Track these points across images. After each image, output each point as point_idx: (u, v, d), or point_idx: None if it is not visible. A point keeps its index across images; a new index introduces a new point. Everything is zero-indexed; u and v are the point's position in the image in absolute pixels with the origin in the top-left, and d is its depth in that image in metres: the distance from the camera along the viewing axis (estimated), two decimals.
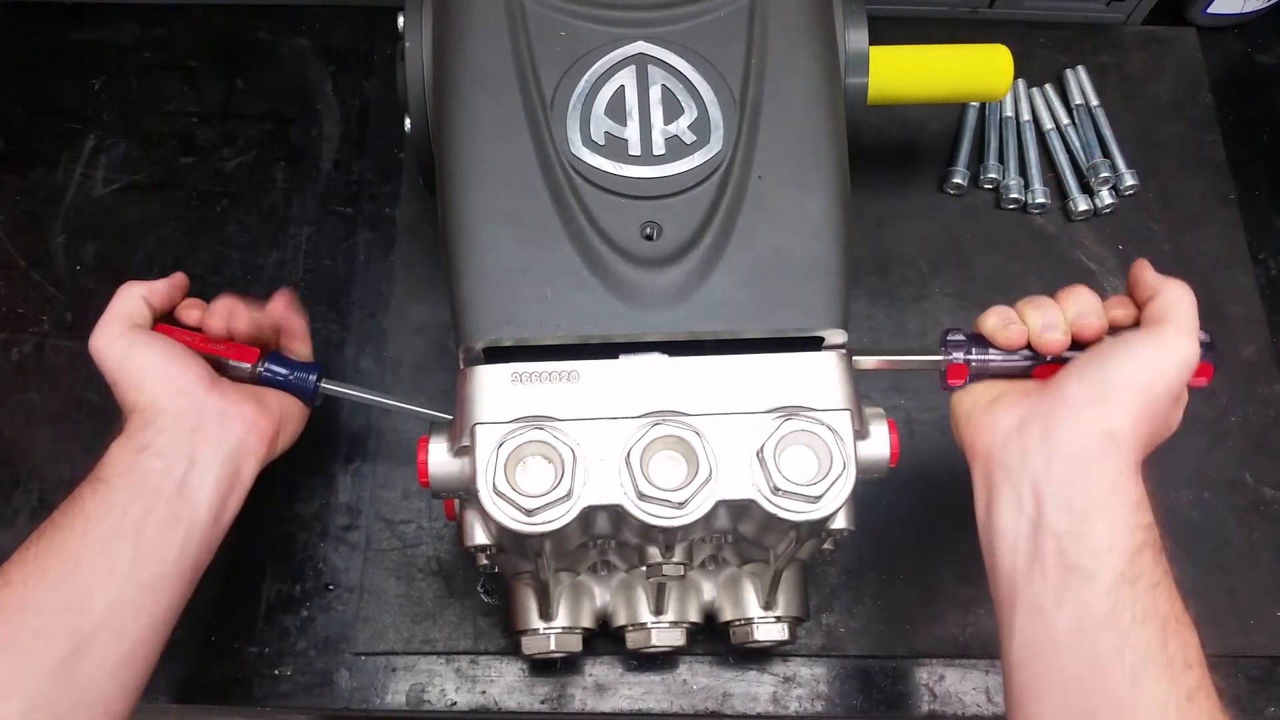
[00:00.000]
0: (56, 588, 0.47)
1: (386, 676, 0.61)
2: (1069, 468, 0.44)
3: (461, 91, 0.50)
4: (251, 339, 0.57)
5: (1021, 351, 0.50)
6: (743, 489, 0.45)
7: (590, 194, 0.49)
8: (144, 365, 0.53)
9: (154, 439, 0.51)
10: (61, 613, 0.47)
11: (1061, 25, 0.80)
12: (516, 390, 0.47)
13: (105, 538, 0.48)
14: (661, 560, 0.49)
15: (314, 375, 0.58)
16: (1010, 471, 0.46)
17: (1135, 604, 0.42)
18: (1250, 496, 0.67)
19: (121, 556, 0.48)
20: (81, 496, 0.50)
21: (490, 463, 0.44)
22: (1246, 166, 0.76)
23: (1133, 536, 0.43)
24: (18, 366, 0.68)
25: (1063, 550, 0.43)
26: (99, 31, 0.78)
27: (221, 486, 0.52)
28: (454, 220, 0.49)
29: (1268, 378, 0.70)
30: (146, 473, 0.50)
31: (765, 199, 0.49)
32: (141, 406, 0.52)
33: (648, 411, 0.46)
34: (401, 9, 0.54)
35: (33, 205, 0.72)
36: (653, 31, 0.51)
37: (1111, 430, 0.45)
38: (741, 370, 0.48)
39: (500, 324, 0.47)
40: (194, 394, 0.52)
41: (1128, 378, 0.45)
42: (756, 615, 0.56)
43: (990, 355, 0.51)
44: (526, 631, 0.56)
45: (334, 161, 0.74)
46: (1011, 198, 0.73)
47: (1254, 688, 0.62)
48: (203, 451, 0.51)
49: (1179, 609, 0.43)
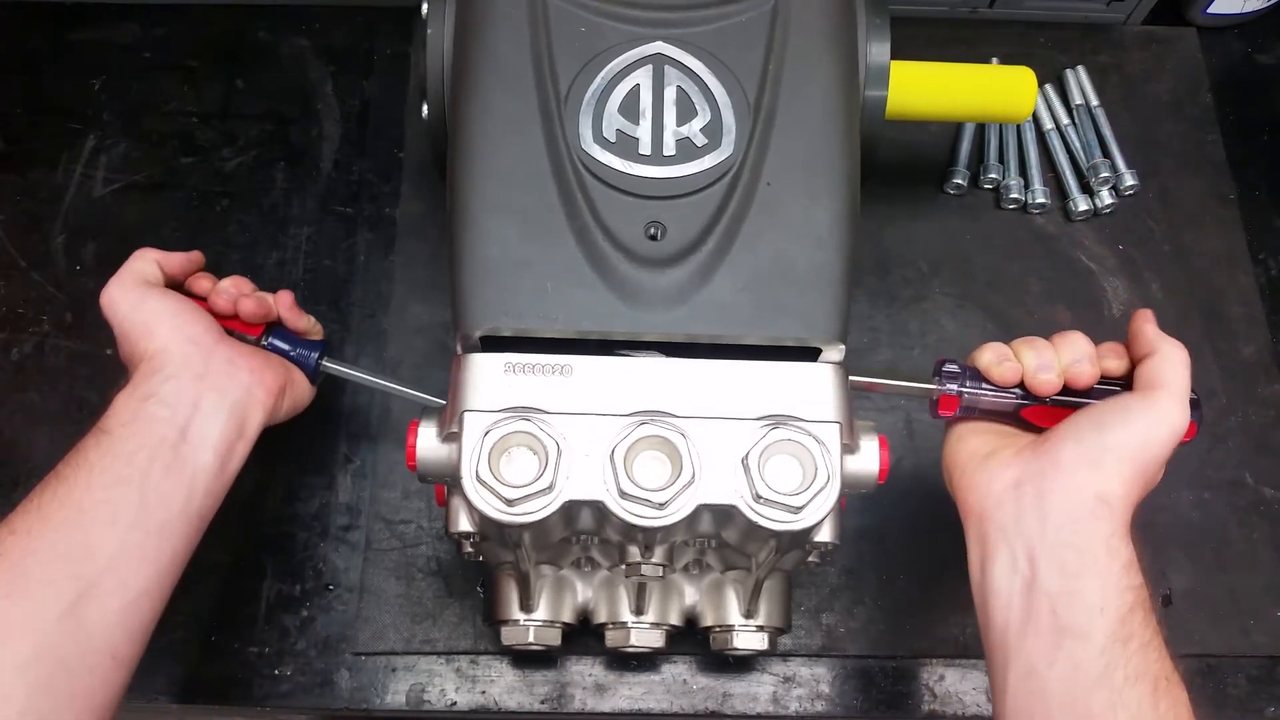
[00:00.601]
0: (61, 535, 0.47)
1: (386, 676, 0.61)
2: (1062, 529, 0.45)
3: (478, 81, 0.50)
4: (257, 318, 0.58)
5: (1014, 389, 0.50)
6: (725, 494, 0.45)
7: (598, 190, 0.49)
8: (155, 312, 0.54)
9: (159, 387, 0.51)
10: (67, 559, 0.47)
11: (1061, 25, 0.80)
12: (509, 380, 0.47)
13: (109, 485, 0.49)
14: (641, 560, 0.49)
15: (316, 352, 0.59)
16: (1005, 531, 0.46)
17: (1127, 664, 0.42)
18: (1250, 496, 0.67)
19: (126, 504, 0.49)
20: (85, 448, 0.50)
21: (475, 450, 0.45)
22: (1246, 166, 0.76)
23: (1124, 597, 0.44)
24: (18, 366, 0.68)
25: (1056, 610, 0.44)
26: (99, 31, 0.78)
27: (227, 435, 0.52)
28: (461, 208, 0.49)
29: (1268, 378, 0.70)
30: (151, 420, 0.51)
31: (772, 206, 0.49)
32: (151, 354, 0.53)
33: (637, 410, 0.46)
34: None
35: (33, 205, 0.72)
36: (672, 33, 0.52)
37: (1105, 493, 0.46)
38: (734, 376, 0.48)
39: (499, 314, 0.48)
40: (202, 341, 0.53)
41: (1122, 444, 0.46)
42: (737, 623, 0.56)
43: (983, 390, 0.51)
44: (507, 622, 0.56)
45: (334, 161, 0.74)
46: (1012, 198, 0.73)
47: (1254, 688, 0.62)
48: (207, 399, 0.52)
49: (1169, 668, 0.43)
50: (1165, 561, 0.65)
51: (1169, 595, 0.64)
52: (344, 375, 0.60)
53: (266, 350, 0.58)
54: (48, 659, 0.45)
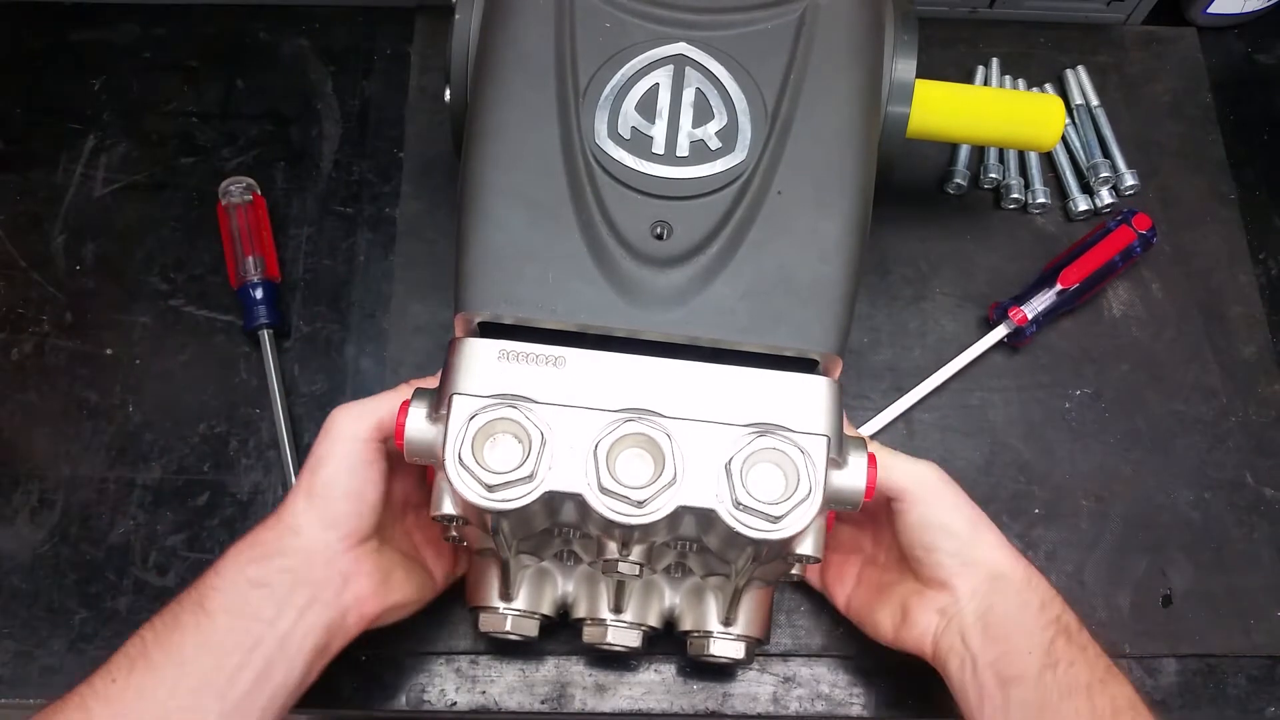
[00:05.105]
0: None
1: (386, 676, 0.61)
2: (979, 615, 0.51)
3: (500, 69, 0.51)
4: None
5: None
6: (705, 498, 0.45)
7: (607, 185, 0.49)
8: (360, 493, 0.50)
9: (274, 576, 0.49)
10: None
11: (1061, 25, 0.80)
12: (501, 367, 0.47)
13: (196, 689, 0.47)
14: (618, 557, 0.49)
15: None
16: (953, 644, 0.52)
17: (1059, 684, 0.49)
18: (1250, 496, 0.67)
19: (209, 713, 0.47)
20: (181, 624, 0.48)
21: (460, 433, 0.45)
22: (1246, 166, 0.76)
23: (1045, 634, 0.50)
24: (18, 366, 0.68)
25: (998, 670, 0.50)
26: (99, 31, 0.78)
27: (319, 649, 0.49)
28: (470, 193, 0.49)
29: (1268, 378, 0.70)
30: (255, 618, 0.48)
31: (781, 215, 0.49)
32: (295, 515, 0.50)
33: (626, 407, 0.46)
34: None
35: (33, 205, 0.72)
36: (696, 35, 0.52)
37: (992, 567, 0.52)
38: (726, 381, 0.48)
39: (499, 301, 0.48)
40: (353, 535, 0.50)
41: (949, 529, 0.52)
42: (715, 629, 0.55)
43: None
44: (485, 608, 0.56)
45: (334, 161, 0.74)
46: (1012, 198, 0.73)
47: (1254, 688, 0.62)
48: (313, 609, 0.49)
49: (1101, 671, 0.50)
50: (1165, 561, 0.65)
51: (1169, 595, 0.64)
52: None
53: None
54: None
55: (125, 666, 0.47)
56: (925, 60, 0.57)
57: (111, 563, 0.63)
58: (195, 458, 0.65)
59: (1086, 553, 0.65)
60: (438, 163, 0.73)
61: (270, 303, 0.67)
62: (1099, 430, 0.68)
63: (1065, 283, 0.67)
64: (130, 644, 0.48)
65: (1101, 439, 0.68)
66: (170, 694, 0.47)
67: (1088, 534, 0.65)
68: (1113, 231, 0.69)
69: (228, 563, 0.50)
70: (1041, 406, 0.68)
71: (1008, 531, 0.61)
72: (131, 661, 0.47)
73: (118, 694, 0.46)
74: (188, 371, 0.68)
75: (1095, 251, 0.68)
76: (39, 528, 0.63)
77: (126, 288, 0.70)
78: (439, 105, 0.74)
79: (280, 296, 0.68)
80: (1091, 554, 0.65)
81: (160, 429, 0.66)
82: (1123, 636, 0.63)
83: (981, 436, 0.68)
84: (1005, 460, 0.67)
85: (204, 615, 0.48)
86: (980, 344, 0.68)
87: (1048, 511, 0.66)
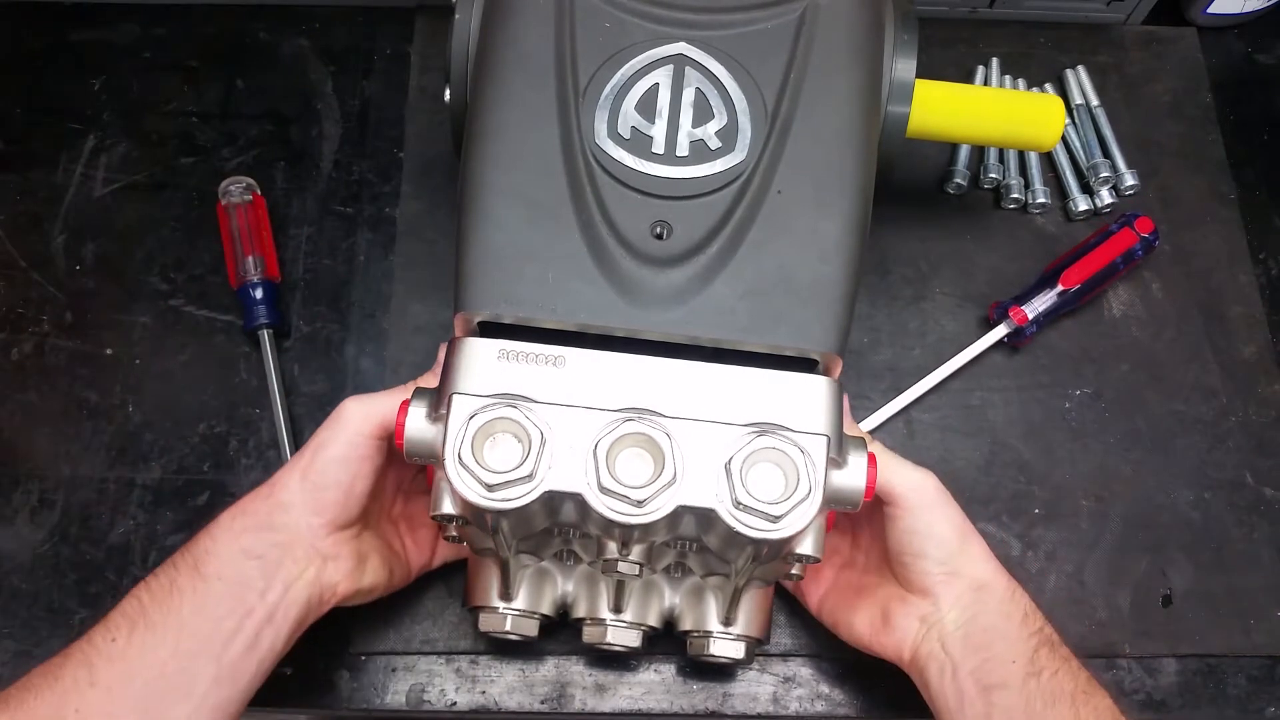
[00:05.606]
0: (140, 702, 0.47)
1: (386, 676, 0.61)
2: (961, 624, 0.52)
3: (499, 69, 0.51)
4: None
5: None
6: (705, 498, 0.45)
7: (607, 185, 0.49)
8: (358, 488, 0.51)
9: (266, 549, 0.50)
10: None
11: (1061, 25, 0.80)
12: (501, 366, 0.47)
13: (193, 654, 0.48)
14: (618, 557, 0.49)
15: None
16: (933, 650, 0.52)
17: (1043, 692, 0.49)
18: (1250, 496, 0.67)
19: (203, 677, 0.48)
20: (179, 587, 0.49)
21: (460, 433, 0.45)
22: (1246, 166, 0.76)
23: (1028, 643, 0.51)
24: (18, 366, 0.68)
25: (979, 678, 0.50)
26: (99, 31, 0.78)
27: (301, 621, 0.51)
28: (470, 193, 0.49)
29: (1268, 378, 0.70)
30: (247, 588, 0.49)
31: (780, 214, 0.49)
32: (286, 491, 0.51)
33: (626, 407, 0.46)
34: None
35: (33, 205, 0.72)
36: (696, 34, 0.52)
37: (975, 579, 0.52)
38: (726, 380, 0.48)
39: (499, 300, 0.48)
40: (335, 522, 0.51)
41: (941, 538, 0.52)
42: (715, 629, 0.55)
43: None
44: (485, 608, 0.56)
45: (334, 161, 0.74)
46: (1012, 198, 0.73)
47: (1254, 688, 0.62)
48: (300, 582, 0.50)
49: (1083, 682, 0.50)
50: (1165, 561, 0.65)
51: (1169, 595, 0.64)
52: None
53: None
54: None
55: (125, 626, 0.48)
56: (925, 60, 0.57)
57: (111, 563, 0.63)
58: (195, 458, 0.65)
59: (1086, 553, 0.65)
60: (438, 163, 0.73)
61: (270, 303, 0.67)
62: (1099, 430, 0.68)
63: (1067, 284, 0.67)
64: (127, 603, 0.49)
65: (1101, 439, 0.68)
66: (171, 654, 0.48)
67: (1088, 534, 0.65)
68: (1115, 233, 0.69)
69: (221, 529, 0.51)
70: (1041, 406, 0.68)
71: (1008, 531, 0.61)
72: (131, 621, 0.48)
73: (119, 652, 0.48)
74: (188, 371, 0.68)
75: (1097, 253, 0.68)
76: (39, 528, 0.63)
77: (126, 288, 0.70)
78: (439, 105, 0.74)
79: (280, 296, 0.69)
80: (1091, 554, 0.65)
81: (160, 429, 0.66)
82: (1123, 636, 0.63)
83: (981, 436, 0.68)
84: (1005, 460, 0.67)
85: (200, 580, 0.49)
86: (980, 343, 0.68)
87: (1048, 511, 0.66)
